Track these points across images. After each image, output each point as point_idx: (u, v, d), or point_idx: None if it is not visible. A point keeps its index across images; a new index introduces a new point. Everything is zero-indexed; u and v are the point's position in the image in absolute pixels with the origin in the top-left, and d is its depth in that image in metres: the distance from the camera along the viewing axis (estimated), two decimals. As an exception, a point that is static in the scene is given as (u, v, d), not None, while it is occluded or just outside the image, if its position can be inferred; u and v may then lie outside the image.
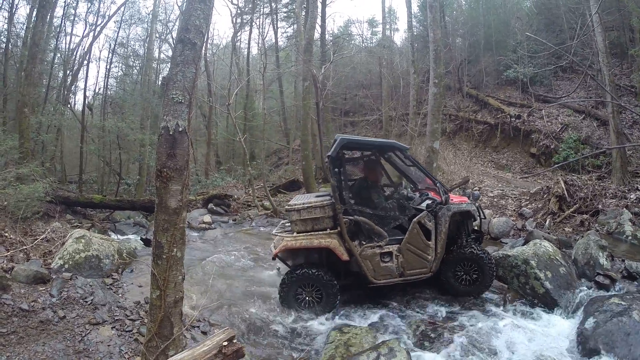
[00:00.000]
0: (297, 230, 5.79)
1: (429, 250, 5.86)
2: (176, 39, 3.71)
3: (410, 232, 5.79)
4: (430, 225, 5.84)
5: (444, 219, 5.83)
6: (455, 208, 5.94)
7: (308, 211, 5.71)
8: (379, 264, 5.78)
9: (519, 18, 21.68)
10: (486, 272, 6.07)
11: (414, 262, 5.86)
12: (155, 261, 3.38)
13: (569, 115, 16.98)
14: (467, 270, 6.08)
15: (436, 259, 5.90)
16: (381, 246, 5.77)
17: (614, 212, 9.33)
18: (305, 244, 5.67)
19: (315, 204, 5.73)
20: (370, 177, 6.35)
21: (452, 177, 14.23)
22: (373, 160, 6.62)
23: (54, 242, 6.90)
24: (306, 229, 5.77)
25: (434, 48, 10.62)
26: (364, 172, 6.53)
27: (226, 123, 25.41)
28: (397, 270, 5.82)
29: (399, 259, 5.81)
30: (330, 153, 5.70)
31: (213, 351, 2.70)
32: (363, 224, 5.71)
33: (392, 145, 6.33)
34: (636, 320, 4.80)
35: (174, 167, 3.29)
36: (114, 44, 22.32)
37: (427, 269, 5.91)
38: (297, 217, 5.74)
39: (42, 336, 4.38)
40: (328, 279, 5.72)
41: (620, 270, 6.53)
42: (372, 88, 25.66)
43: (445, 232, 5.85)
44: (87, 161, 19.99)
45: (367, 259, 5.74)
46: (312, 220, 5.75)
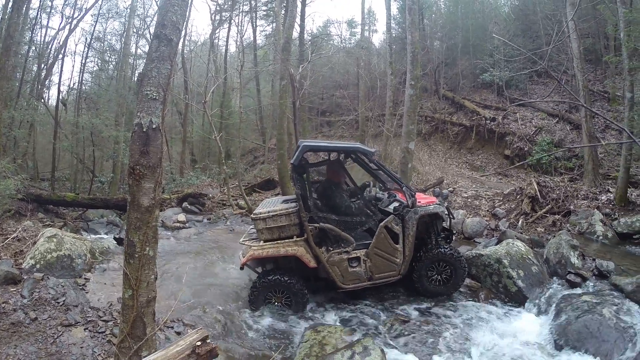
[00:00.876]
0: (264, 239, 5.77)
1: (397, 253, 5.89)
2: (152, 34, 3.66)
3: (377, 236, 5.82)
4: (398, 229, 5.87)
5: (411, 222, 5.86)
6: (423, 210, 5.97)
7: (274, 219, 5.69)
8: (347, 269, 5.80)
9: (497, 23, 22.13)
10: (457, 271, 6.14)
11: (382, 266, 5.89)
12: (127, 260, 3.32)
13: (543, 119, 17.40)
14: (438, 271, 6.13)
15: (404, 262, 5.94)
16: (348, 251, 5.79)
17: (585, 212, 9.59)
18: (272, 253, 5.66)
19: (281, 212, 5.71)
20: (334, 180, 6.33)
21: (427, 178, 14.42)
22: (336, 164, 6.61)
23: (25, 241, 6.73)
24: (272, 237, 5.75)
25: (412, 50, 10.71)
26: (328, 176, 6.52)
27: (202, 121, 25.17)
28: (366, 274, 5.85)
29: (367, 264, 5.83)
30: (293, 161, 5.67)
31: (186, 351, 2.67)
32: (329, 230, 5.72)
33: (356, 149, 6.33)
34: (606, 317, 4.96)
35: (146, 164, 3.23)
36: (90, 38, 21.85)
37: (395, 272, 5.96)
38: (263, 226, 5.73)
39: (14, 338, 4.27)
40: (299, 287, 5.74)
41: (591, 269, 6.72)
42: (349, 88, 25.76)
43: (413, 235, 5.89)
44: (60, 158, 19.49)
45: (334, 265, 5.74)
46: (278, 229, 5.74)
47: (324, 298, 6.31)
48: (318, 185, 6.44)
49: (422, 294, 6.22)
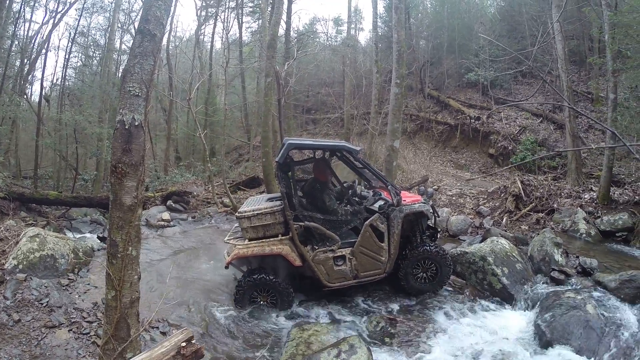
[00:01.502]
0: (249, 237, 5.76)
1: (383, 252, 5.91)
2: (136, 29, 3.60)
3: (362, 235, 5.83)
4: (383, 227, 5.88)
5: (396, 220, 5.89)
6: (408, 209, 5.99)
7: (258, 218, 5.68)
8: (332, 267, 5.81)
9: (483, 23, 22.33)
10: (443, 269, 6.18)
11: (367, 265, 5.91)
12: (110, 260, 3.28)
13: (527, 119, 17.61)
14: (424, 268, 6.16)
15: (390, 260, 5.97)
16: (334, 250, 5.79)
17: (569, 211, 9.74)
18: (257, 251, 5.65)
19: (266, 211, 5.70)
20: (320, 179, 6.31)
21: (412, 176, 14.50)
22: (322, 163, 6.59)
23: (7, 241, 6.59)
24: (257, 235, 5.74)
25: (398, 49, 10.74)
26: (314, 174, 6.49)
27: (187, 118, 24.93)
28: (351, 272, 5.87)
29: (352, 262, 5.85)
30: (278, 159, 5.66)
31: (171, 352, 2.64)
32: (314, 229, 5.72)
33: (341, 147, 6.31)
34: (590, 313, 5.05)
35: (129, 162, 3.19)
36: (74, 33, 21.43)
37: (381, 270, 5.98)
38: (248, 224, 5.71)
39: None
40: (284, 286, 5.75)
41: (574, 266, 6.82)
42: (335, 86, 25.74)
43: (398, 233, 5.91)
44: (42, 155, 19.14)
45: (320, 264, 5.75)
46: (263, 227, 5.73)
47: (310, 297, 6.31)
48: (304, 183, 6.44)
49: (408, 292, 6.23)
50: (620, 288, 5.72)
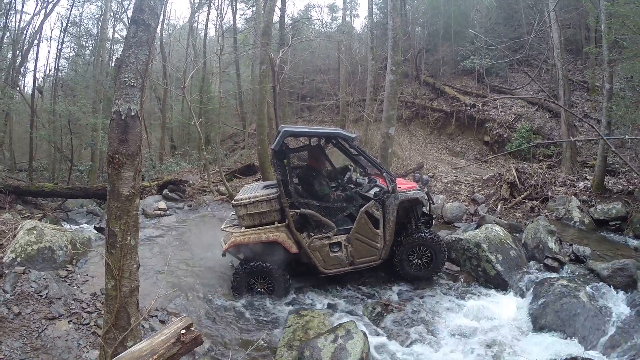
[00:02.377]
0: (245, 225, 5.79)
1: (378, 238, 5.97)
2: (130, 19, 3.58)
3: (358, 221, 5.88)
4: (378, 214, 5.94)
5: (391, 207, 5.94)
6: (403, 196, 6.04)
7: (255, 205, 5.71)
8: (329, 254, 5.87)
9: (479, 10, 22.10)
10: (437, 255, 6.24)
11: (363, 251, 5.98)
12: (109, 250, 3.30)
13: (523, 106, 17.60)
14: (419, 255, 6.23)
15: (385, 247, 6.03)
16: (329, 237, 5.85)
17: (563, 199, 9.83)
18: (253, 239, 5.69)
19: (262, 198, 5.72)
20: (314, 166, 6.35)
21: (407, 163, 14.53)
22: (317, 150, 6.63)
23: (4, 234, 6.59)
24: (254, 223, 5.77)
25: (393, 36, 10.69)
26: (309, 162, 6.53)
27: (181, 106, 24.77)
28: (347, 259, 5.93)
29: (348, 249, 5.91)
30: (274, 146, 5.68)
31: (171, 340, 2.67)
32: (310, 216, 5.75)
33: (336, 134, 6.32)
34: (583, 300, 5.14)
35: (126, 152, 3.19)
36: (66, 23, 21.17)
37: (376, 256, 6.05)
38: (244, 212, 5.74)
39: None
40: (281, 273, 5.81)
41: (568, 253, 6.91)
42: (330, 73, 25.54)
43: (393, 220, 5.97)
44: (37, 147, 19.05)
45: (316, 250, 5.81)
46: (259, 215, 5.76)
47: (307, 283, 6.38)
48: (299, 170, 6.47)
49: (404, 278, 6.33)
50: (613, 276, 5.83)
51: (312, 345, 4.27)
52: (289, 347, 4.53)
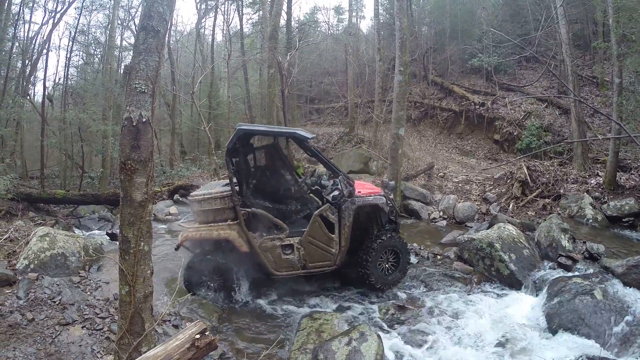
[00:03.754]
0: (200, 221, 5.72)
1: (333, 243, 5.78)
2: (139, 26, 3.59)
3: (311, 225, 5.71)
4: (333, 218, 5.74)
5: (347, 212, 5.74)
6: (361, 201, 5.86)
7: (208, 202, 5.61)
8: (280, 256, 5.72)
9: (485, 8, 22.03)
10: (402, 257, 6.10)
11: (316, 255, 5.80)
12: (123, 256, 3.31)
13: (532, 104, 17.45)
14: (385, 259, 6.07)
15: (340, 253, 5.84)
16: (281, 238, 5.70)
17: (575, 196, 9.73)
18: (205, 235, 5.59)
19: (215, 195, 5.63)
20: (269, 167, 6.27)
21: (417, 164, 14.45)
22: (273, 150, 6.49)
23: (17, 241, 6.64)
24: (207, 219, 5.66)
25: (400, 36, 10.67)
26: (265, 161, 6.44)
27: (190, 112, 24.94)
28: (299, 262, 5.76)
29: (301, 252, 5.73)
30: (227, 144, 5.62)
31: (186, 345, 2.68)
32: (260, 216, 5.64)
33: (290, 134, 6.09)
34: (598, 299, 5.07)
35: (138, 159, 3.21)
36: (74, 32, 21.39)
37: (330, 262, 5.85)
38: (198, 208, 5.68)
39: (12, 341, 4.25)
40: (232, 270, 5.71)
41: (581, 251, 6.83)
42: (338, 75, 25.57)
43: (349, 225, 5.77)
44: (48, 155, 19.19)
45: (267, 251, 5.67)
46: (212, 211, 5.65)
47: (319, 286, 6.36)
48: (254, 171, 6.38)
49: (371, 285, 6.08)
50: (627, 273, 5.73)
51: (326, 348, 4.24)
52: (303, 350, 4.51)
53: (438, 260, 7.40)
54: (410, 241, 8.47)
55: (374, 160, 15.50)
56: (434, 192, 11.77)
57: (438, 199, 11.27)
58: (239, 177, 5.69)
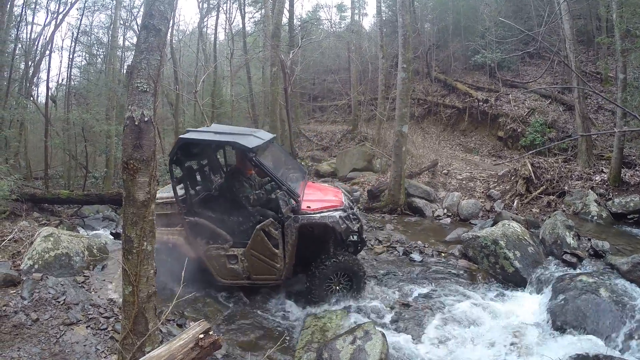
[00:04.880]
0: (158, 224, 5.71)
1: (277, 258, 5.57)
2: (140, 25, 3.58)
3: (253, 238, 5.53)
4: (276, 233, 5.51)
5: (290, 230, 5.49)
6: (305, 219, 5.51)
7: (160, 206, 5.58)
8: (225, 265, 5.64)
9: (488, 4, 21.93)
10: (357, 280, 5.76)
11: (260, 268, 5.64)
12: (126, 256, 3.31)
13: (536, 100, 17.37)
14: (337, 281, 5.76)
15: (286, 268, 5.64)
16: (225, 248, 5.63)
17: (580, 193, 9.68)
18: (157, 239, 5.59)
19: (166, 200, 5.67)
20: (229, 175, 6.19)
21: (421, 161, 14.42)
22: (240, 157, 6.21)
23: (22, 242, 6.67)
24: (161, 223, 5.52)
25: (403, 33, 10.63)
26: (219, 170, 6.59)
27: (194, 111, 24.88)
28: (244, 273, 5.65)
29: (244, 263, 5.62)
30: (169, 155, 5.61)
31: (190, 344, 2.66)
32: (203, 225, 5.58)
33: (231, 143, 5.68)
34: (603, 296, 5.03)
35: (140, 158, 3.20)
36: (76, 32, 21.41)
37: (275, 276, 5.69)
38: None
39: (17, 341, 4.27)
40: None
41: (586, 249, 6.80)
42: (341, 73, 25.60)
43: (292, 243, 5.53)
44: (52, 155, 19.23)
45: (212, 259, 5.61)
46: (165, 216, 5.67)
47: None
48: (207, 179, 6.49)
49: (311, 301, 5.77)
50: (633, 271, 5.69)
51: (330, 347, 4.23)
52: (308, 349, 4.50)
53: (442, 257, 7.37)
54: (415, 239, 8.47)
55: (378, 157, 15.47)
56: (437, 189, 11.74)
57: (442, 196, 11.24)
58: (185, 186, 5.70)
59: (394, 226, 9.66)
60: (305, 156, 18.60)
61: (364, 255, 7.55)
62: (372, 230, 9.34)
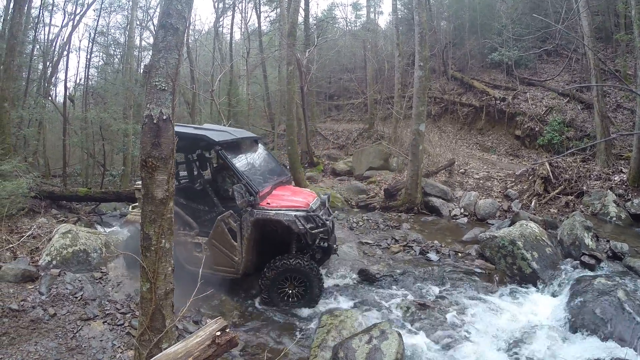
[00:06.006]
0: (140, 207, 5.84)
1: (235, 251, 5.63)
2: (158, 24, 3.60)
3: (214, 229, 5.68)
4: (235, 226, 5.59)
5: (245, 223, 5.54)
6: (260, 214, 5.50)
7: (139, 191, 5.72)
8: (192, 251, 5.80)
9: (504, 1, 21.65)
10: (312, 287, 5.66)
11: (220, 259, 5.73)
12: (144, 253, 3.33)
13: (554, 98, 17.07)
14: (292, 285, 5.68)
15: (244, 262, 5.66)
16: (192, 236, 5.81)
17: (599, 193, 9.51)
18: (135, 219, 5.94)
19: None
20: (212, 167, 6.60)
21: (438, 160, 14.28)
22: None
23: (40, 238, 6.80)
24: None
25: (420, 31, 10.54)
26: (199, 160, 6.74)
27: (210, 110, 25.09)
28: (207, 262, 5.56)
29: (206, 252, 5.70)
30: None
31: (206, 342, 2.67)
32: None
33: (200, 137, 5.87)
34: (622, 299, 4.92)
35: (159, 156, 3.21)
36: (93, 33, 21.74)
37: (234, 269, 5.72)
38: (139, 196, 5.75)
39: (34, 335, 4.34)
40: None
41: (605, 250, 6.68)
42: (357, 71, 25.48)
43: (248, 237, 5.56)
44: (70, 154, 19.55)
45: (179, 245, 5.69)
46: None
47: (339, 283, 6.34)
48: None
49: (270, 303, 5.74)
50: (652, 273, 5.57)
51: (346, 346, 4.22)
52: (323, 347, 4.49)
53: (459, 257, 7.30)
54: (431, 238, 8.41)
55: (394, 156, 15.39)
56: (454, 188, 11.63)
57: (459, 195, 11.14)
58: None
59: (411, 225, 9.60)
60: (322, 154, 18.59)
61: (380, 254, 7.53)
62: (389, 229, 9.31)
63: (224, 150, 5.74)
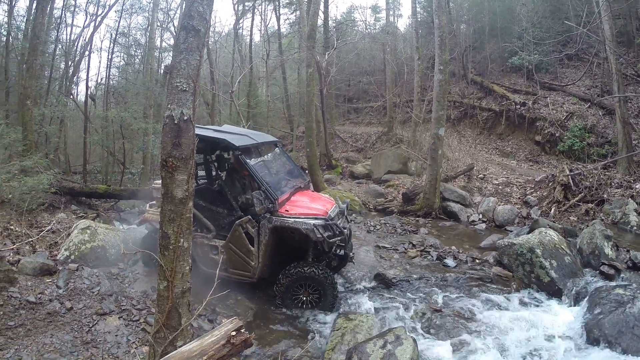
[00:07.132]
0: (157, 206, 5.90)
1: (252, 256, 5.64)
2: (179, 26, 3.65)
3: (232, 233, 5.69)
4: (252, 231, 5.60)
5: (263, 229, 5.54)
6: (278, 221, 5.49)
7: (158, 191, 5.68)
8: (207, 254, 5.83)
9: (524, 4, 21.36)
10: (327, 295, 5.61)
11: (236, 263, 5.74)
12: (162, 252, 3.37)
13: (574, 104, 16.77)
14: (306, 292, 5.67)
15: (260, 267, 5.66)
16: (208, 238, 5.82)
17: (619, 201, 9.32)
18: (153, 218, 5.97)
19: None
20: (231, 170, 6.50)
21: (457, 165, 14.13)
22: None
23: (59, 233, 6.92)
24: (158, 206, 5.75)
25: (439, 34, 10.46)
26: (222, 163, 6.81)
27: (229, 111, 25.29)
28: (222, 265, 5.60)
29: (223, 256, 5.71)
30: None
31: (221, 341, 2.69)
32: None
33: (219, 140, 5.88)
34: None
35: (179, 156, 3.25)
36: (115, 34, 22.07)
37: (250, 273, 5.72)
38: (157, 195, 5.86)
39: (50, 328, 4.42)
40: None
41: (625, 260, 6.56)
42: (376, 74, 25.43)
43: (266, 243, 5.55)
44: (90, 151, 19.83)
45: (196, 246, 5.71)
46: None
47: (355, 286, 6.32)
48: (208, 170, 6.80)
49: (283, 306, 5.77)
50: (673, 285, 5.43)
51: (360, 350, 4.20)
52: (337, 350, 4.48)
53: (476, 264, 7.22)
54: (449, 244, 8.33)
55: (413, 160, 15.30)
56: (473, 194, 11.50)
57: (477, 201, 11.00)
58: None
59: (428, 230, 9.53)
60: (340, 157, 18.58)
61: (397, 259, 7.48)
62: (406, 233, 9.25)
63: (244, 155, 5.73)
